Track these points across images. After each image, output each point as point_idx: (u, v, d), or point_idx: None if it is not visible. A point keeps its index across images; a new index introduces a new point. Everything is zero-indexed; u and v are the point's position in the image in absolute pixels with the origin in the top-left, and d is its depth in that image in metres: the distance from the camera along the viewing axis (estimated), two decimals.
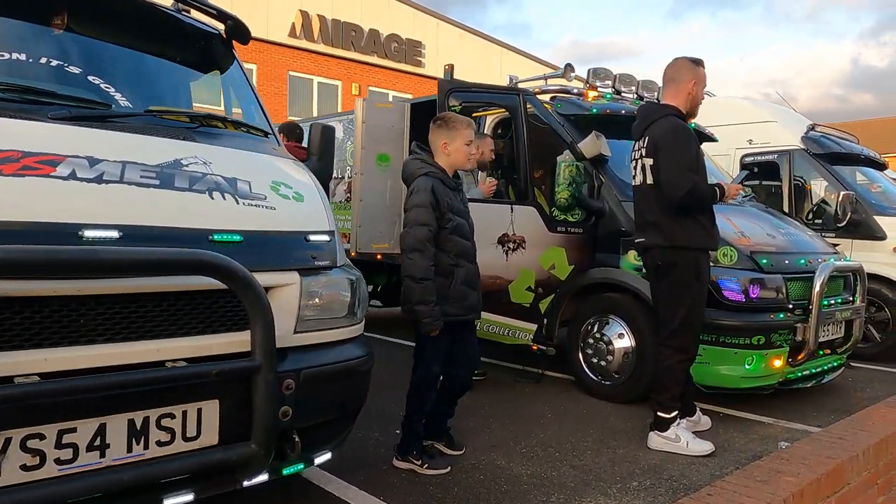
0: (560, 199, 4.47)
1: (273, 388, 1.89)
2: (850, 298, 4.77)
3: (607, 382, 4.52)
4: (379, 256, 6.19)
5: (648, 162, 3.47)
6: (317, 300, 2.17)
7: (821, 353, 4.58)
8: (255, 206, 2.17)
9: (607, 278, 4.52)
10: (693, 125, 5.63)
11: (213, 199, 2.08)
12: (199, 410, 1.84)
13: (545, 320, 4.82)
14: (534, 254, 4.54)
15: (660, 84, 5.68)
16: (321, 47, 20.59)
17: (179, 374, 1.76)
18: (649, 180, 3.48)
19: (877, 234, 6.36)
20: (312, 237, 2.23)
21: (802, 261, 4.39)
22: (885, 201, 6.83)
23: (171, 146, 2.24)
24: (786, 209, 6.94)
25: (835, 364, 4.76)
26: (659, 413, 3.50)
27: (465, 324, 3.14)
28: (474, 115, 5.33)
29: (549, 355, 4.91)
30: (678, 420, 3.52)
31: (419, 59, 22.14)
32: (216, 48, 3.29)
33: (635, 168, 3.64)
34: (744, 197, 5.36)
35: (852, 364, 5.21)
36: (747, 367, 4.06)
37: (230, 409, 1.89)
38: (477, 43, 23.46)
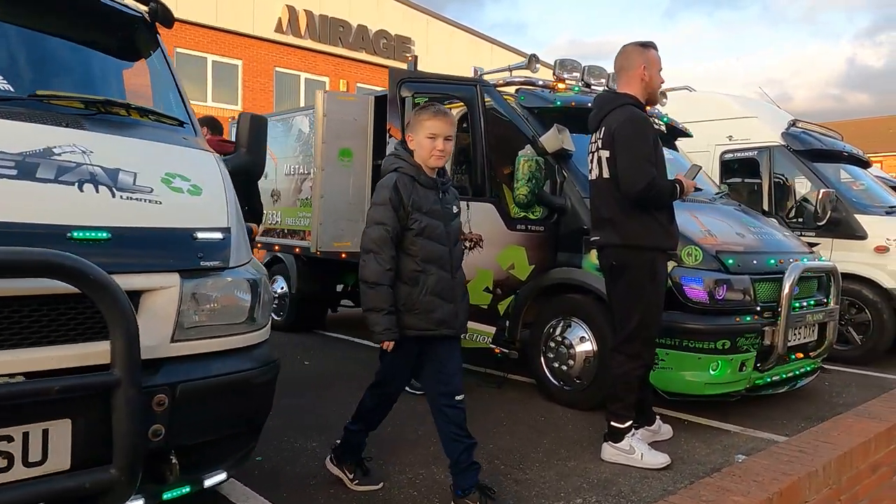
0: (519, 195, 4.25)
1: (136, 405, 1.67)
2: (824, 300, 4.56)
3: (568, 388, 4.31)
4: (343, 255, 5.98)
5: (605, 154, 3.26)
6: (204, 305, 1.96)
7: (793, 357, 4.39)
8: (135, 199, 1.95)
9: (569, 279, 4.31)
10: (666, 118, 5.45)
11: (82, 191, 1.86)
12: (45, 432, 1.62)
13: (506, 322, 4.62)
14: (492, 253, 4.32)
15: None
16: (308, 43, 20.35)
17: (14, 391, 1.54)
18: (605, 174, 3.26)
19: (857, 234, 6.16)
20: (202, 234, 2.01)
21: (772, 261, 4.18)
22: (867, 199, 6.64)
23: (45, 133, 2.01)
24: (766, 207, 6.75)
25: (808, 368, 4.56)
26: (612, 423, 3.29)
27: (436, 339, 2.71)
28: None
29: (511, 359, 4.71)
30: (633, 430, 3.31)
31: (408, 55, 21.84)
32: (138, 32, 3.07)
33: (591, 161, 3.42)
34: (716, 194, 5.16)
35: (828, 368, 5.01)
36: (712, 372, 3.85)
37: (87, 430, 1.68)
38: (467, 40, 23.24)
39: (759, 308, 3.99)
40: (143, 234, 1.88)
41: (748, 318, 3.91)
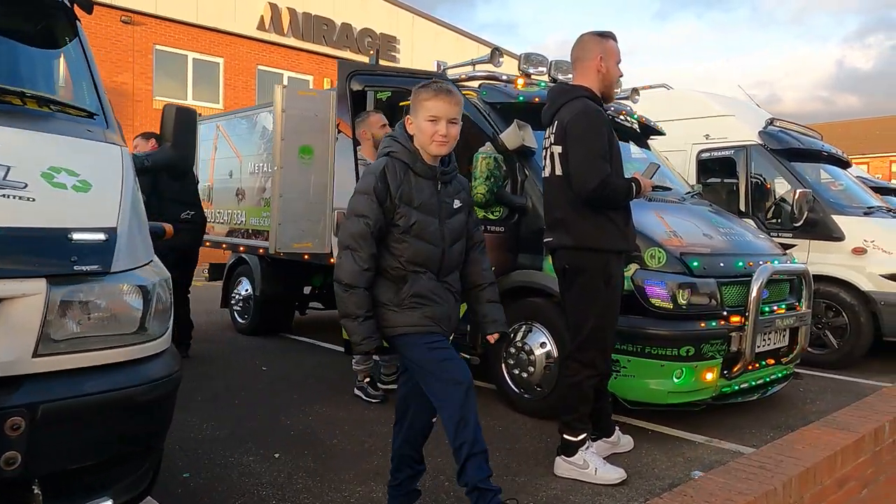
0: (477, 194, 4.05)
1: None
2: (796, 304, 4.39)
3: (529, 396, 4.12)
4: (306, 256, 5.76)
5: (557, 150, 3.07)
6: (79, 314, 1.74)
7: (763, 363, 4.21)
8: (1, 196, 1.74)
9: (529, 282, 4.12)
10: (636, 116, 5.27)
11: None
12: None
13: (468, 327, 4.42)
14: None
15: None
16: (292, 41, 20.13)
17: None
18: (558, 171, 3.07)
19: (834, 235, 6.00)
20: (79, 235, 1.80)
21: (741, 263, 4.00)
22: (845, 200, 6.49)
23: None
24: (743, 208, 6.60)
25: (779, 375, 4.39)
26: (565, 436, 3.10)
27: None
28: (402, 104, 4.92)
29: (473, 364, 4.51)
30: (588, 443, 3.12)
31: (393, 54, 21.70)
32: (55, 17, 2.85)
33: (545, 157, 3.24)
34: (687, 193, 4.99)
35: (801, 373, 4.83)
36: (676, 380, 3.67)
37: None
38: (454, 38, 23.07)
39: (725, 313, 3.81)
40: (3, 234, 1.67)
41: (714, 324, 3.73)
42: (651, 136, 5.69)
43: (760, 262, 4.07)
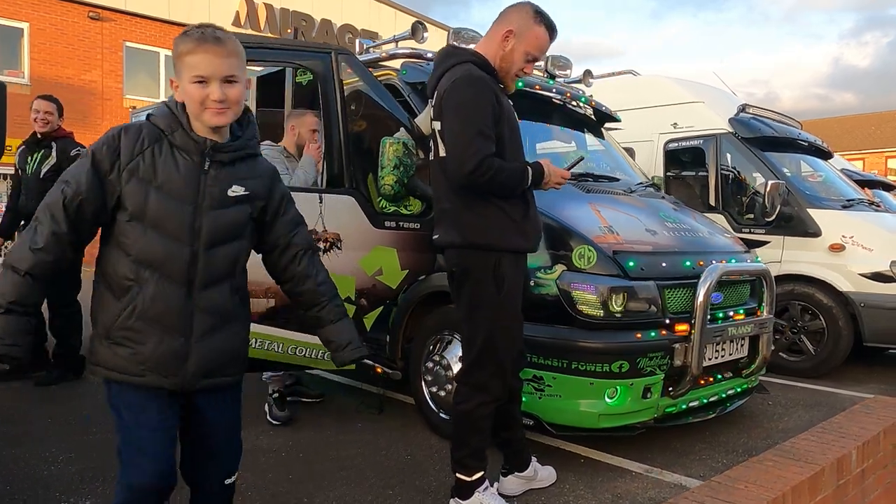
0: (384, 185, 3.51)
1: None
2: (756, 309, 3.85)
3: (448, 417, 3.58)
4: None
5: (437, 126, 2.53)
6: None
7: (718, 377, 3.69)
8: None
9: (445, 286, 3.58)
10: (585, 99, 4.73)
11: None
12: None
13: (387, 337, 3.91)
14: (353, 256, 3.58)
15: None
16: (269, 37, 19.55)
17: None
18: (442, 152, 2.54)
19: (810, 230, 5.47)
20: None
21: (688, 263, 3.47)
22: (822, 192, 5.96)
23: None
24: (713, 202, 6.06)
25: (739, 389, 3.86)
26: (458, 475, 2.56)
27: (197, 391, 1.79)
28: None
29: (395, 380, 3.99)
30: (485, 483, 2.58)
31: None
32: None
33: (432, 136, 2.70)
34: (639, 184, 4.45)
35: (769, 385, 4.31)
36: (609, 401, 3.14)
37: None
38: (437, 34, 22.52)
39: (668, 321, 3.28)
40: None
41: (653, 334, 3.20)
42: (606, 124, 5.16)
43: (713, 262, 3.54)
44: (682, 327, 3.32)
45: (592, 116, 5.01)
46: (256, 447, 3.43)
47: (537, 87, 4.29)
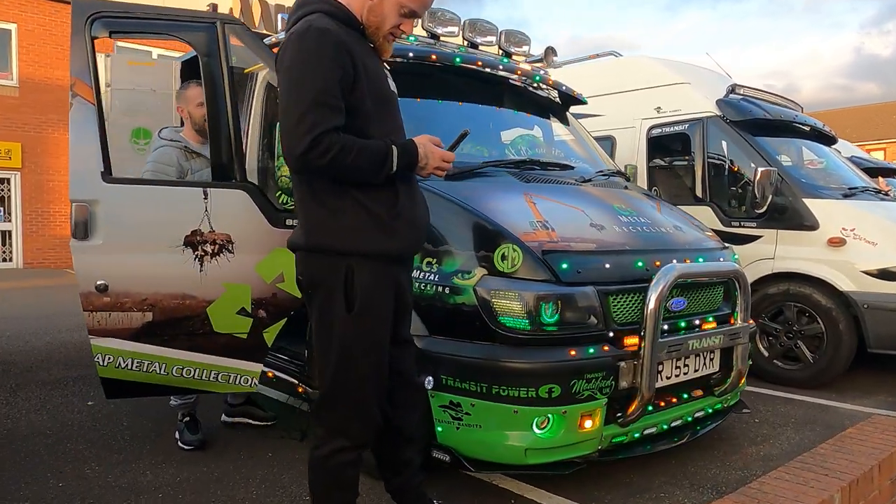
0: (283, 177, 3.01)
1: None
2: (730, 317, 3.28)
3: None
4: None
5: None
6: None
7: (684, 396, 3.13)
8: None
9: None
10: (538, 77, 4.18)
11: None
12: None
13: (306, 352, 3.40)
14: (248, 261, 3.05)
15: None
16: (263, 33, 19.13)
17: None
18: None
19: (806, 223, 4.86)
20: None
21: (641, 263, 2.91)
22: (821, 180, 5.34)
23: None
24: (699, 193, 5.48)
25: (710, 410, 3.29)
26: None
27: None
28: (247, 70, 3.89)
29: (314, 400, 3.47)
30: None
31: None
32: None
33: None
34: (599, 172, 3.89)
35: (751, 400, 3.73)
36: (538, 432, 2.60)
37: None
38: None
39: (612, 334, 2.73)
40: None
41: (591, 351, 2.64)
42: (572, 107, 4.61)
43: (674, 262, 2.97)
44: (631, 341, 2.77)
45: (557, 99, 4.47)
46: (137, 485, 2.94)
47: (479, 63, 3.75)
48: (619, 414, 2.77)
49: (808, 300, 4.79)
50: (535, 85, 4.25)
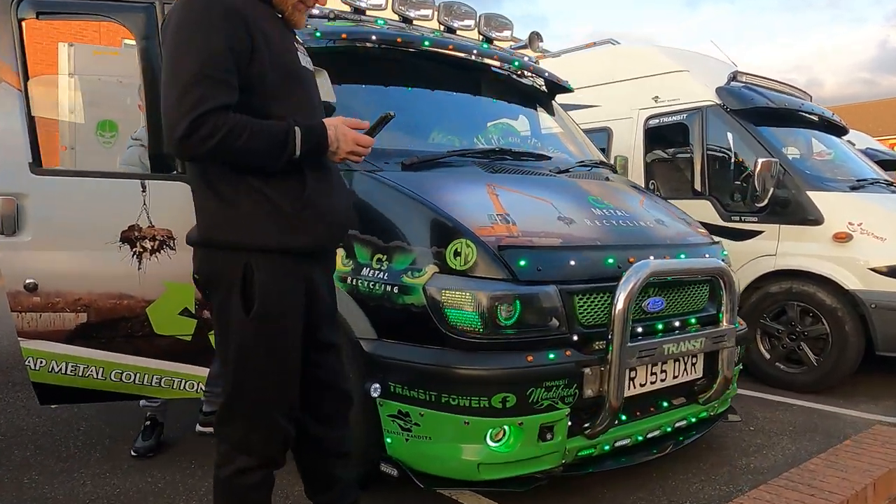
0: None
1: None
2: (716, 318, 3.02)
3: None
4: None
5: None
6: None
7: (665, 404, 2.88)
8: None
9: None
10: (519, 63, 3.93)
11: None
12: None
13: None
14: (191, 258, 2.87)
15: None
16: None
17: None
18: None
19: (809, 217, 4.57)
20: None
21: (612, 260, 2.66)
22: (826, 172, 5.03)
23: None
24: (698, 187, 5.20)
25: (694, 419, 3.03)
26: None
27: None
28: None
29: None
30: None
31: None
32: None
33: None
34: (580, 163, 3.64)
35: (735, 411, 3.45)
36: (493, 445, 2.37)
37: None
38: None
39: (576, 337, 2.49)
40: None
41: (552, 356, 2.41)
42: (557, 95, 4.36)
43: (651, 258, 2.72)
44: (600, 345, 2.53)
45: (542, 87, 4.23)
46: (72, 496, 2.76)
47: (451, 47, 3.53)
48: (586, 425, 2.53)
49: (811, 299, 4.50)
50: (518, 72, 4.02)
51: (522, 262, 2.43)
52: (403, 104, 3.48)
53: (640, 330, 2.67)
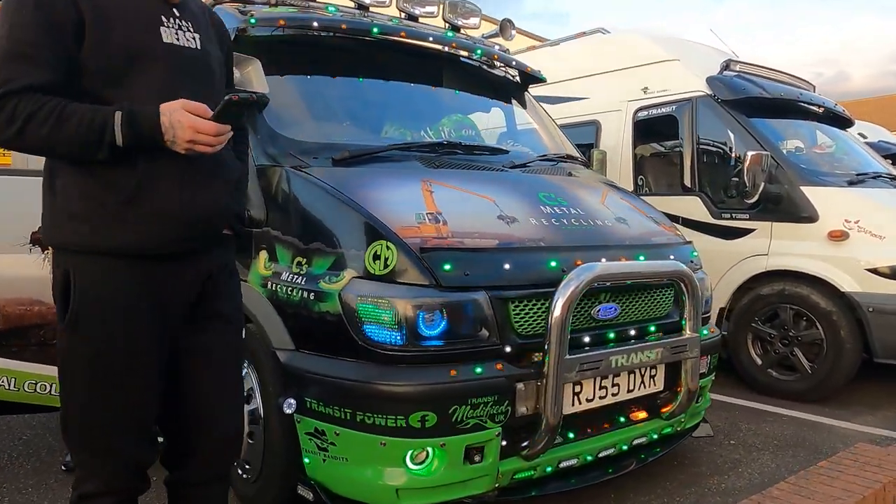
0: None
1: None
2: (678, 325, 2.76)
3: (245, 476, 2.64)
4: None
5: None
6: None
7: (622, 419, 2.64)
8: None
9: None
10: (480, 50, 3.70)
11: None
12: None
13: None
14: None
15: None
16: None
17: None
18: None
19: (804, 214, 4.27)
20: None
21: (554, 263, 2.41)
22: (823, 166, 4.72)
23: None
24: (688, 182, 4.91)
25: (657, 436, 2.78)
26: None
27: None
28: None
29: None
30: None
31: None
32: None
33: None
34: (543, 157, 3.40)
35: (706, 422, 3.19)
36: (414, 468, 2.15)
37: None
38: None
39: (509, 349, 2.26)
40: None
41: (479, 370, 2.18)
42: (531, 86, 4.11)
43: (603, 259, 2.47)
44: (538, 357, 2.29)
45: (514, 78, 3.98)
46: None
47: (402, 34, 3.30)
48: (524, 444, 2.30)
49: (805, 302, 4.20)
50: (485, 61, 3.78)
51: (447, 266, 2.20)
52: (350, 96, 3.27)
53: (587, 340, 2.43)
